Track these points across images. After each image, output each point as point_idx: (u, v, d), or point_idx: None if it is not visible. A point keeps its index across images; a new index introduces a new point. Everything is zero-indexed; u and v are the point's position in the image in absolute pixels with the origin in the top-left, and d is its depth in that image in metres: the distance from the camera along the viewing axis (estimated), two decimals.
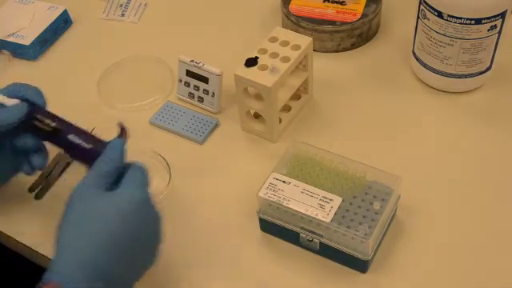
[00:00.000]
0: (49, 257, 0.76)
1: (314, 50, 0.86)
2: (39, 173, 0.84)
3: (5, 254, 0.85)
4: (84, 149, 0.71)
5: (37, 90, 0.76)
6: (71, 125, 0.73)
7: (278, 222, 0.73)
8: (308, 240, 0.72)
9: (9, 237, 0.79)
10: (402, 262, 0.73)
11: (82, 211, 0.64)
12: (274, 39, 0.83)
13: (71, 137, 0.72)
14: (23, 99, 0.74)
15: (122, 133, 0.71)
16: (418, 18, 0.85)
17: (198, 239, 0.77)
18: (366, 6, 0.96)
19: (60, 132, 0.73)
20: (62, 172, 0.85)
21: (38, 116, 0.73)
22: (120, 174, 0.66)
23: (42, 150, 0.76)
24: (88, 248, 0.61)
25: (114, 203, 0.64)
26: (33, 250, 0.78)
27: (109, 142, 0.69)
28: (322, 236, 0.71)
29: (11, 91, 0.75)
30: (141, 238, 0.65)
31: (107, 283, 0.61)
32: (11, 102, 0.74)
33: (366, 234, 0.68)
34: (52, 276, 0.60)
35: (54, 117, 0.74)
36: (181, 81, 0.91)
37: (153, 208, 0.66)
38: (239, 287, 0.73)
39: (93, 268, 0.61)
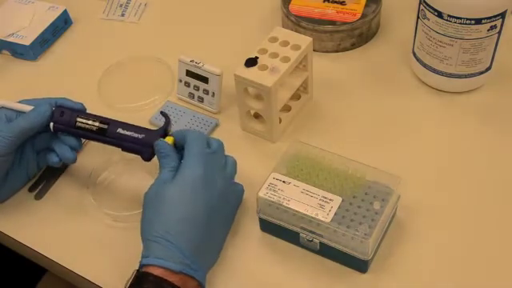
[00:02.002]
0: (49, 257, 0.77)
1: (314, 50, 0.86)
2: (39, 173, 0.84)
3: (5, 253, 0.85)
4: (137, 138, 0.74)
5: (65, 98, 0.79)
6: (115, 120, 0.75)
7: (277, 222, 0.73)
8: (308, 240, 0.72)
9: (9, 237, 0.79)
10: (401, 261, 0.73)
11: (157, 203, 0.69)
12: (274, 39, 0.83)
13: (121, 130, 0.74)
14: (56, 106, 0.77)
15: (167, 121, 0.75)
16: (418, 17, 0.85)
17: None
18: (366, 5, 0.96)
19: (107, 129, 0.74)
20: (62, 172, 0.84)
21: (79, 119, 0.76)
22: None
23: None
24: (174, 230, 0.67)
25: (178, 186, 0.69)
26: (33, 250, 0.78)
27: (158, 130, 0.74)
28: (321, 236, 0.71)
29: (34, 101, 0.78)
30: (214, 205, 0.70)
31: (198, 254, 0.68)
32: (28, 108, 0.75)
33: (365, 234, 0.68)
34: (149, 260, 0.66)
35: (95, 116, 0.76)
36: (181, 81, 0.91)
37: (216, 178, 0.71)
38: (239, 287, 0.73)
39: (185, 244, 0.67)
